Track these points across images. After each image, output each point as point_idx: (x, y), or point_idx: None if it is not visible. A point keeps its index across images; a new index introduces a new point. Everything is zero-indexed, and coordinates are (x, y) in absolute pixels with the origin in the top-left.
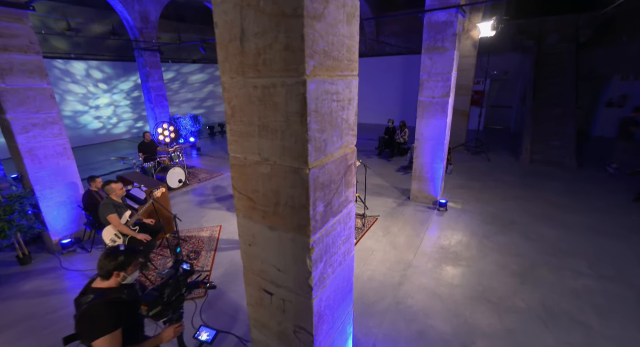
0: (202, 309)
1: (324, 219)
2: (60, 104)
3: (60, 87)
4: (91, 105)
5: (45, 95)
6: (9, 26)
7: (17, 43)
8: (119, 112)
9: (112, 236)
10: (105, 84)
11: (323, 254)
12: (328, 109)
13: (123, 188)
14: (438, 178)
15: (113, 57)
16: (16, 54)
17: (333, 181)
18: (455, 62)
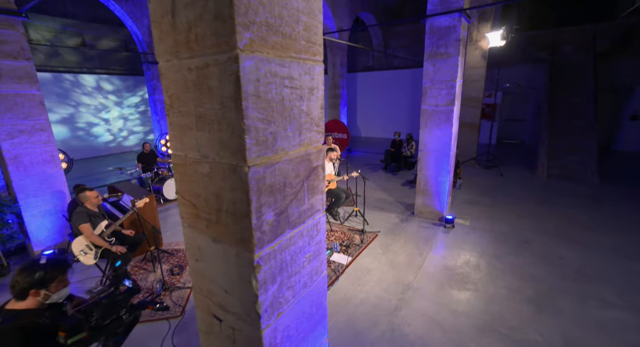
0: (176, 330)
1: (275, 231)
2: (74, 115)
3: (73, 99)
4: (102, 117)
5: (34, 101)
6: (1, 32)
7: (7, 49)
8: (129, 125)
9: (83, 247)
10: (115, 96)
11: (276, 273)
12: (277, 96)
13: (99, 196)
14: (444, 192)
15: (124, 70)
16: (5, 60)
17: (289, 184)
18: (459, 68)
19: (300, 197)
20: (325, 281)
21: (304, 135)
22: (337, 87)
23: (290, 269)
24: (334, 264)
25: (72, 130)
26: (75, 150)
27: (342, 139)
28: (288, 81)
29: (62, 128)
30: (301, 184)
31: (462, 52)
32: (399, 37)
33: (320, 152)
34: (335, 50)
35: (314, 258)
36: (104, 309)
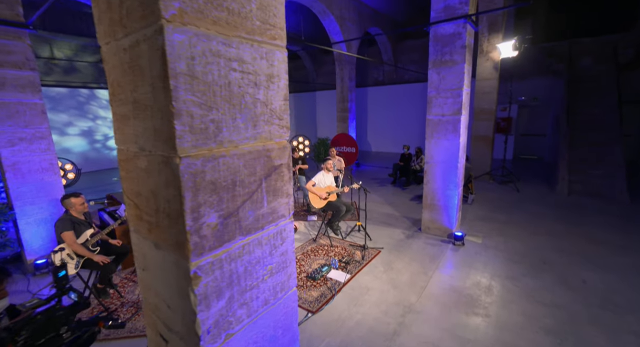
0: None
1: (221, 236)
2: (92, 127)
3: (91, 112)
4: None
5: (36, 110)
6: (7, 43)
7: (13, 59)
8: None
9: (64, 256)
10: None
11: (223, 286)
12: (222, 80)
13: (85, 203)
14: (452, 206)
15: None
16: (10, 69)
17: (240, 182)
18: (466, 76)
19: (257, 199)
20: (296, 299)
21: (260, 127)
22: (346, 101)
23: (244, 282)
24: (330, 281)
25: (90, 143)
26: (91, 163)
27: (351, 153)
28: (237, 64)
29: (82, 141)
30: (258, 183)
31: (469, 60)
32: (408, 52)
33: (285, 150)
34: (343, 64)
35: (279, 271)
36: (37, 326)
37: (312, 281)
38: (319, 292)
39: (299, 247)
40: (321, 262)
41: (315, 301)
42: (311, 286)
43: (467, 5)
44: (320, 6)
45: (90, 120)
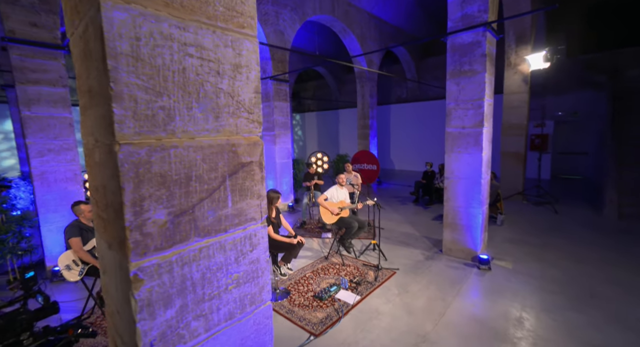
0: None
1: (171, 236)
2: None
3: None
4: None
5: (65, 123)
6: (44, 63)
7: (48, 77)
8: None
9: (69, 262)
10: None
11: (174, 294)
12: (175, 65)
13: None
14: (476, 226)
15: None
16: (45, 86)
17: (198, 178)
18: (487, 86)
19: (219, 198)
20: (270, 315)
21: (224, 120)
22: (367, 118)
23: (202, 291)
24: (338, 302)
25: None
26: None
27: (372, 171)
28: (194, 50)
29: None
30: (220, 181)
31: (490, 69)
32: (432, 69)
33: (256, 146)
34: (364, 81)
35: (248, 282)
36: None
37: (318, 300)
38: (324, 313)
39: (309, 265)
40: (331, 281)
41: (320, 323)
42: (317, 307)
43: (486, 13)
44: (341, 25)
45: None
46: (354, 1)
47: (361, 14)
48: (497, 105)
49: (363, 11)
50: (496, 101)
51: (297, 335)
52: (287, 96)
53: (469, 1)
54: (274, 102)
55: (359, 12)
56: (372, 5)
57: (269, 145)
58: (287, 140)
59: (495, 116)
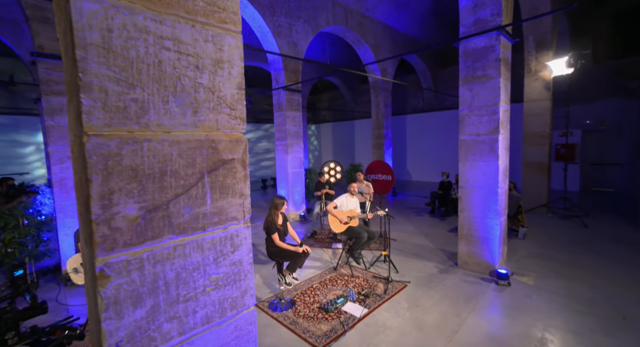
0: None
1: (143, 231)
2: None
3: None
4: None
5: None
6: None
7: None
8: None
9: (77, 265)
10: None
11: (145, 293)
12: (151, 57)
13: None
14: (493, 238)
15: None
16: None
17: (173, 173)
18: (503, 91)
19: (197, 194)
20: (254, 322)
21: (204, 115)
22: (381, 128)
23: (176, 291)
24: (344, 315)
25: None
26: None
27: (387, 181)
28: (171, 43)
29: None
30: (198, 177)
31: (505, 74)
32: (448, 79)
33: (239, 143)
34: (378, 91)
35: (228, 285)
36: None
37: (324, 312)
38: (329, 326)
39: (317, 276)
40: (338, 293)
41: (324, 335)
42: (322, 319)
43: (499, 16)
44: (354, 35)
45: None
46: (368, 12)
47: (375, 24)
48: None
49: (377, 22)
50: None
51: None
52: (300, 106)
53: (481, 5)
54: (287, 112)
55: (373, 23)
56: (386, 16)
57: (281, 155)
58: (300, 150)
59: (516, 125)
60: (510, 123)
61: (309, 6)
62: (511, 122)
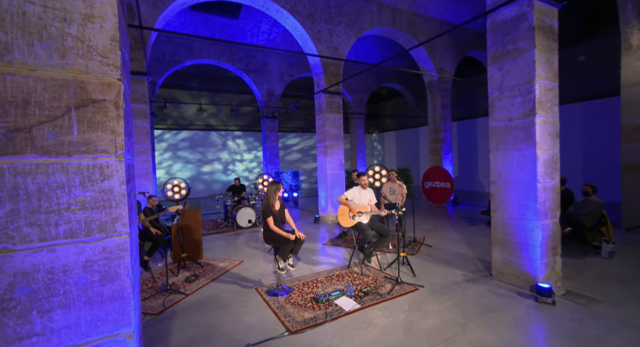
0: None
1: (4, 146)
2: (203, 162)
3: (215, 154)
4: (230, 168)
5: (143, 131)
6: (134, 86)
7: (135, 96)
8: (244, 168)
9: None
10: (244, 145)
11: (4, 197)
12: (15, 9)
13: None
14: (534, 244)
15: (253, 127)
16: (133, 104)
17: (38, 104)
18: (541, 65)
19: (62, 125)
20: (127, 249)
21: (72, 60)
22: (439, 131)
23: (37, 202)
24: (333, 307)
25: (198, 174)
26: (199, 191)
27: (445, 189)
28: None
29: (191, 171)
30: (64, 110)
31: (547, 45)
32: None
33: (111, 87)
34: (434, 91)
35: (96, 209)
36: None
37: (314, 302)
38: (312, 314)
39: (327, 271)
40: (339, 287)
41: (302, 322)
42: (310, 308)
43: None
44: (405, 36)
45: (199, 153)
46: (420, 10)
47: (429, 21)
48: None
49: (431, 19)
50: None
51: (275, 328)
52: (340, 108)
53: None
54: (326, 114)
55: (426, 20)
56: (442, 12)
57: (321, 157)
58: (340, 152)
59: (613, 118)
60: (603, 116)
61: (350, 11)
62: (607, 115)
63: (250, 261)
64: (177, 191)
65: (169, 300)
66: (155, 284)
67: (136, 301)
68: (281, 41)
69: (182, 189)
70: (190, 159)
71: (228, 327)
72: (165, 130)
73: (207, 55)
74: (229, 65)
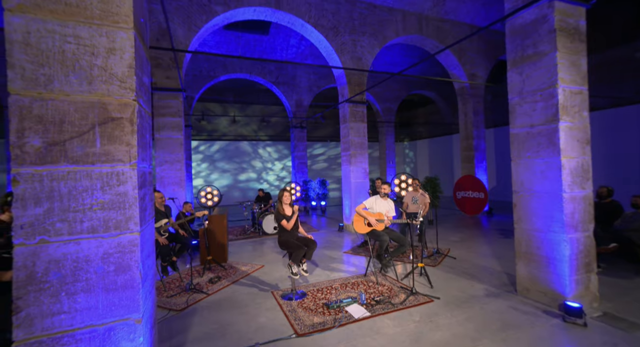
0: (168, 319)
1: (44, 157)
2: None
3: (248, 163)
4: (263, 177)
5: (177, 142)
6: (169, 101)
7: (170, 111)
8: (287, 180)
9: None
10: (275, 153)
11: (42, 197)
12: (56, 48)
13: (163, 198)
14: (561, 259)
15: (286, 137)
16: (168, 117)
17: (70, 122)
18: (562, 68)
19: (88, 139)
20: (138, 245)
21: (97, 85)
22: (471, 138)
23: (67, 203)
24: (343, 314)
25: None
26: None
27: (478, 200)
28: (72, 39)
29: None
30: (90, 127)
31: (571, 47)
32: None
33: (127, 106)
34: (466, 98)
35: (113, 209)
36: None
37: (326, 308)
38: (321, 319)
39: (343, 278)
40: (353, 295)
41: (310, 326)
42: (320, 313)
43: None
44: (432, 42)
45: (235, 163)
46: (448, 16)
47: (458, 26)
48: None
49: (461, 24)
50: None
51: (284, 330)
52: (364, 117)
53: None
54: (350, 123)
55: (456, 26)
56: (473, 16)
57: (345, 166)
58: (364, 161)
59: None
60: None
61: (375, 21)
62: None
63: (270, 265)
64: (210, 197)
65: (192, 298)
66: (181, 283)
67: (146, 291)
68: (309, 54)
69: (215, 196)
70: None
71: (241, 326)
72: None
73: (240, 70)
74: (260, 79)
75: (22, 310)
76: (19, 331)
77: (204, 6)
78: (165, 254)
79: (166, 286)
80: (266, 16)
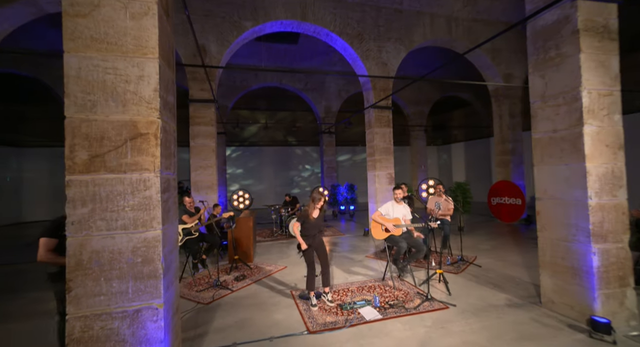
0: (196, 311)
1: (88, 167)
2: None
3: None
4: (295, 180)
5: (210, 149)
6: (203, 112)
7: (204, 120)
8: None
9: None
10: (309, 165)
11: (88, 200)
12: (100, 79)
13: (192, 202)
14: (589, 271)
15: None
16: (202, 126)
17: (108, 138)
18: (587, 71)
19: (122, 151)
20: (159, 240)
21: (129, 107)
22: (507, 142)
23: (106, 204)
24: (355, 315)
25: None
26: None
27: (515, 206)
28: (111, 70)
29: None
30: (123, 141)
31: (595, 48)
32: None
33: (152, 124)
34: (500, 100)
35: (141, 210)
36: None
37: (339, 309)
38: (334, 319)
39: (361, 282)
40: (368, 298)
41: (323, 324)
42: (333, 313)
43: None
44: (463, 43)
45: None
46: (480, 15)
47: (492, 25)
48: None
49: (495, 22)
50: None
51: (297, 327)
52: (389, 122)
53: None
54: (375, 129)
55: (489, 25)
56: (509, 14)
57: (369, 170)
58: (389, 166)
59: None
60: None
61: (400, 26)
62: None
63: (293, 267)
64: (242, 201)
65: (218, 294)
66: (210, 280)
67: (168, 281)
68: (338, 60)
69: (246, 199)
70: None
71: (259, 321)
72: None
73: (271, 79)
74: (290, 86)
75: (72, 290)
76: (71, 307)
77: (235, 22)
78: (195, 252)
79: (196, 282)
80: (293, 28)
